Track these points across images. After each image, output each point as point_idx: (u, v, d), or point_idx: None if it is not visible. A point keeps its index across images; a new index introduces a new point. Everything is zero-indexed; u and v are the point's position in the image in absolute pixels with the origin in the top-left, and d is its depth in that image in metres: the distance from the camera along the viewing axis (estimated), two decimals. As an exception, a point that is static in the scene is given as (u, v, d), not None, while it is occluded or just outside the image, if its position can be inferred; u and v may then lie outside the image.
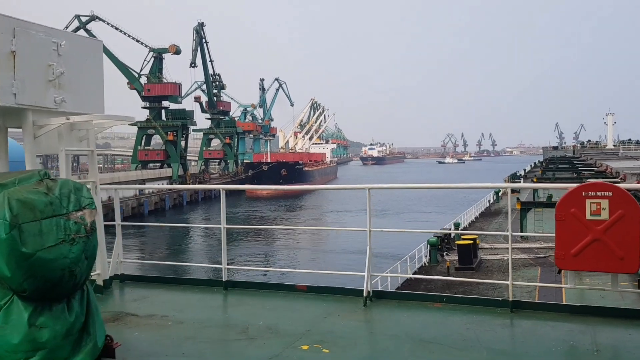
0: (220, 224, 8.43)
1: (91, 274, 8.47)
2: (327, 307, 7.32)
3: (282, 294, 8.02)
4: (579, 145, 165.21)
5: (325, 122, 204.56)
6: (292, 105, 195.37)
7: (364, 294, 7.43)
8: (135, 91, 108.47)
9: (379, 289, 25.36)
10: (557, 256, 6.26)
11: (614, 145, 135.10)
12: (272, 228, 50.72)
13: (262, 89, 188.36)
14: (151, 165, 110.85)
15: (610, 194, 6.09)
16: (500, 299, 7.09)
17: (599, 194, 6.14)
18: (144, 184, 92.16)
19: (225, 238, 8.42)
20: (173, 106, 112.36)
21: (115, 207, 9.01)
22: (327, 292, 7.88)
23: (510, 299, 6.91)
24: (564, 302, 7.30)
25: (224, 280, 8.42)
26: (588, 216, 6.17)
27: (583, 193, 6.18)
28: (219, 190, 8.35)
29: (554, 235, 6.32)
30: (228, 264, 8.53)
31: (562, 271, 6.42)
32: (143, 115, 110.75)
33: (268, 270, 40.60)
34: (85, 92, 8.29)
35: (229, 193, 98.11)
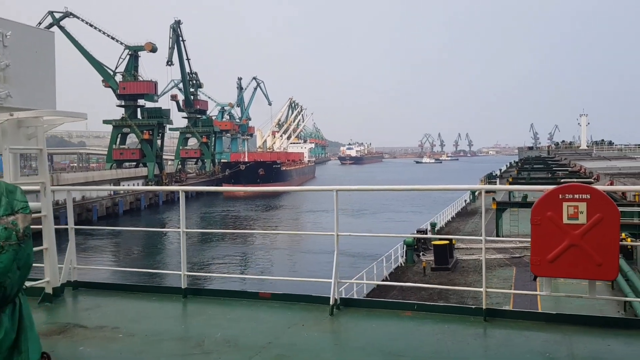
0: (180, 228, 7.91)
1: (40, 281, 7.91)
2: (292, 316, 6.87)
3: (245, 302, 7.55)
4: (553, 145, 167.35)
5: (303, 122, 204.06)
6: (270, 104, 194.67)
7: (331, 302, 6.99)
8: (110, 89, 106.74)
9: (351, 294, 24.69)
10: (532, 262, 5.89)
11: (588, 146, 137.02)
12: (236, 232, 49.72)
13: (240, 88, 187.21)
14: (127, 164, 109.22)
15: (588, 196, 5.74)
16: (473, 306, 6.71)
17: (576, 196, 5.78)
18: (119, 183, 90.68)
19: (185, 243, 7.91)
20: (149, 105, 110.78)
21: (67, 209, 8.43)
22: (292, 300, 7.42)
23: (484, 307, 6.53)
24: (540, 310, 6.95)
25: (183, 287, 7.91)
26: (565, 220, 5.80)
27: (560, 195, 5.81)
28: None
29: (529, 235, 5.95)
30: (188, 271, 8.02)
31: (538, 278, 6.06)
32: (118, 113, 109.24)
33: (231, 277, 39.61)
34: (34, 86, 7.71)
35: (206, 193, 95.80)
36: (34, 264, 4.65)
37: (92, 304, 7.71)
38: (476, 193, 68.07)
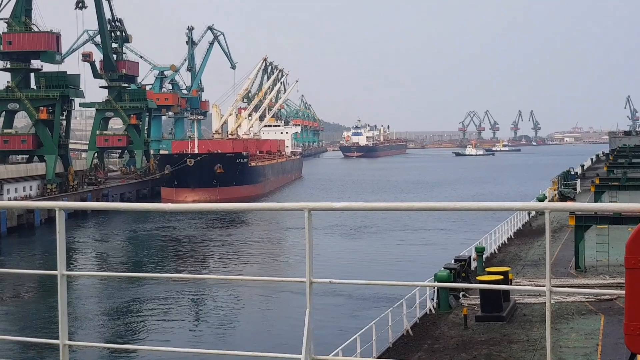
0: (57, 270, 7.16)
1: None
2: None
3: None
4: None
5: (284, 93, 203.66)
6: (233, 67, 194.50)
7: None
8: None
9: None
10: (627, 331, 5.37)
11: None
12: (151, 277, 47.06)
13: (191, 42, 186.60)
14: (17, 157, 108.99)
15: None
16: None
17: (700, 222, 5.25)
18: (2, 186, 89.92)
19: (66, 293, 7.24)
20: (48, 67, 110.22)
21: None
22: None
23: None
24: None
25: None
26: (682, 263, 5.29)
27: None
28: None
29: (623, 265, 5.43)
30: (73, 338, 7.41)
31: (639, 357, 5.54)
32: (1, 81, 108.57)
33: (143, 350, 37.94)
34: None
35: (135, 200, 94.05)
36: None
37: None
38: (545, 201, 67.76)
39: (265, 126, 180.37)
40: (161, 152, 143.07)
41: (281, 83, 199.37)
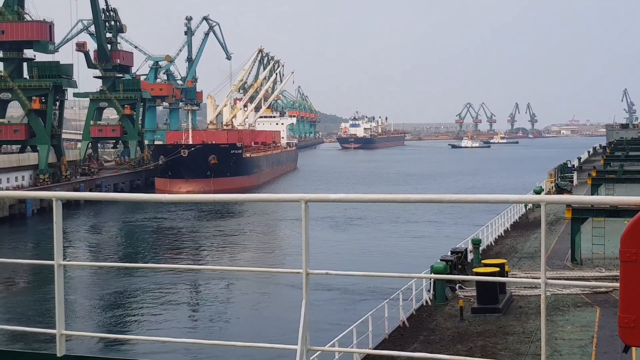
0: (54, 260, 7.21)
1: None
2: None
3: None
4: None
5: (280, 84, 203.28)
6: (228, 58, 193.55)
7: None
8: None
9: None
10: (621, 323, 5.41)
11: None
12: (146, 267, 47.46)
13: (190, 33, 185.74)
14: (12, 147, 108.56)
15: None
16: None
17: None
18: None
19: (63, 283, 7.29)
20: (41, 57, 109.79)
21: None
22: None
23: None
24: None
25: (59, 356, 7.34)
26: (678, 256, 5.34)
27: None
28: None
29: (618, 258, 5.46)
30: (69, 328, 7.47)
31: (633, 349, 5.61)
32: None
33: (138, 340, 38.04)
34: None
35: (127, 191, 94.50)
36: None
37: None
38: (542, 194, 67.79)
39: (261, 117, 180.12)
40: (155, 142, 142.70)
41: (277, 74, 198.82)
